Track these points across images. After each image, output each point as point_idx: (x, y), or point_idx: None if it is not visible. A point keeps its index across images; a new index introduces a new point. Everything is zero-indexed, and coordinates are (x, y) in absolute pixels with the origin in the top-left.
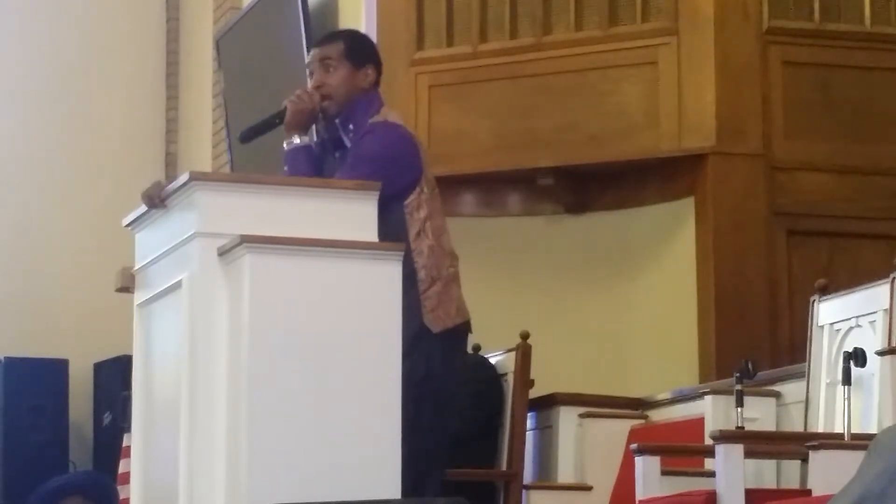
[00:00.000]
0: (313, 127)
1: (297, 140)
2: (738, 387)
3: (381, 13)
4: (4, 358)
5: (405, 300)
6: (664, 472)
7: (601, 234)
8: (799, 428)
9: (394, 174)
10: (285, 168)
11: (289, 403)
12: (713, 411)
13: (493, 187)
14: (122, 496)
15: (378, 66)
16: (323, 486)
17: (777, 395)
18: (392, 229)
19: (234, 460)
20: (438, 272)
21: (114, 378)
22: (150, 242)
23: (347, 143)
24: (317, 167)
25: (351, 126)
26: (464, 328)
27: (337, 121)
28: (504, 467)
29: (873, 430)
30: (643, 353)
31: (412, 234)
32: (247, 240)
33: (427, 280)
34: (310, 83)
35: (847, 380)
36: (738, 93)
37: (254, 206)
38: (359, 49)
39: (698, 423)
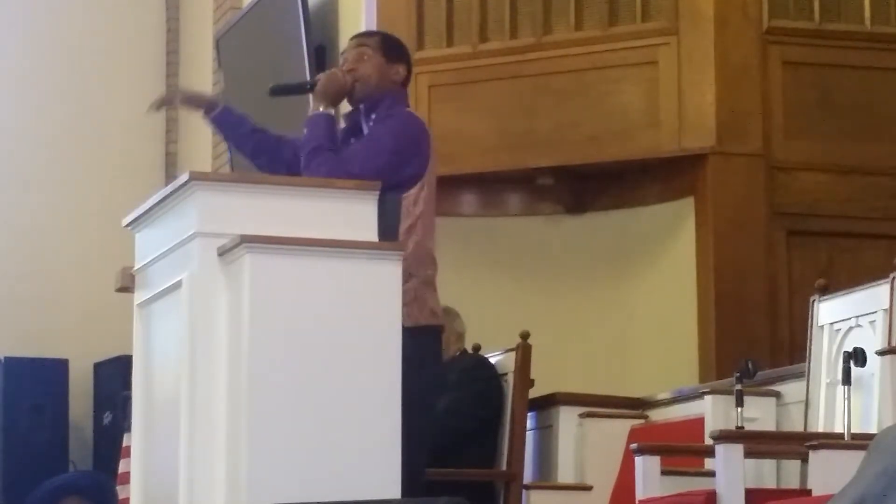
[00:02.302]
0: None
1: (321, 109)
2: (738, 387)
3: (381, 13)
4: (4, 358)
5: None
6: (664, 472)
7: (601, 234)
8: (799, 428)
9: (405, 160)
10: (304, 131)
11: (289, 403)
12: (713, 411)
13: (493, 187)
14: (122, 496)
15: (409, 68)
16: (323, 486)
17: (777, 395)
18: (385, 217)
19: (234, 460)
20: (417, 270)
21: (114, 378)
22: (150, 242)
23: (366, 131)
24: (334, 137)
25: (373, 116)
26: (437, 331)
27: (362, 106)
28: (504, 467)
29: (873, 430)
30: (643, 352)
31: (403, 226)
32: (247, 240)
33: (405, 275)
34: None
35: (847, 380)
36: (738, 93)
37: (254, 206)
38: (392, 46)
39: (698, 423)
